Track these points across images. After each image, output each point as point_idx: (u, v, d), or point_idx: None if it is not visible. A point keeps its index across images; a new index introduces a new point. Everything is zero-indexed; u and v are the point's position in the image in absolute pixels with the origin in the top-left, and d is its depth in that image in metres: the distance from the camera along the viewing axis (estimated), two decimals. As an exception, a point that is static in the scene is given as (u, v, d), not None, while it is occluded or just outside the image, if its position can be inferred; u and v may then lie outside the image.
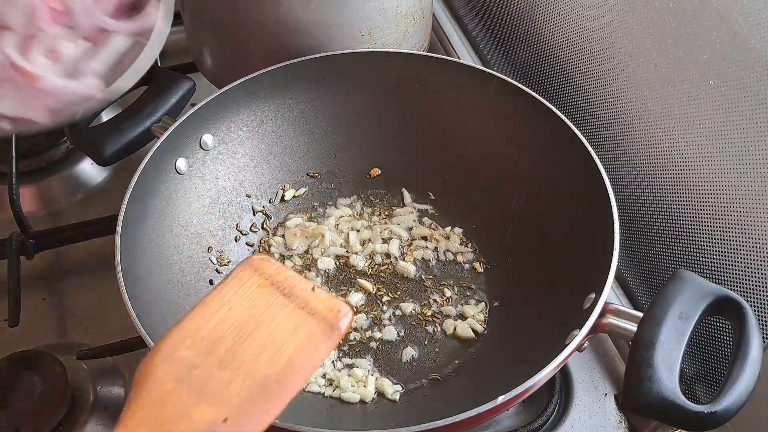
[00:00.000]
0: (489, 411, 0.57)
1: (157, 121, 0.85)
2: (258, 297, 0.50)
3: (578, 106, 0.93)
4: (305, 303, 0.51)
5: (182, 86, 0.88)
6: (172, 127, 0.81)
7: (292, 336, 0.48)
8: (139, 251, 0.75)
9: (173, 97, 0.87)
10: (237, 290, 0.50)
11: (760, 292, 0.70)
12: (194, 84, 0.90)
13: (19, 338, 0.81)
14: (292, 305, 0.50)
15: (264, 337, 0.48)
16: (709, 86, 0.72)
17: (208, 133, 0.86)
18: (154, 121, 0.85)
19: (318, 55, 0.89)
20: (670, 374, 0.58)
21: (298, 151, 0.95)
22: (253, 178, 0.92)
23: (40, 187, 1.01)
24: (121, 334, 0.79)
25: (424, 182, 0.95)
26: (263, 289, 0.51)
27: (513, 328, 0.79)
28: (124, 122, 0.84)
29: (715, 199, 0.74)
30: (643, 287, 0.84)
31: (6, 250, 0.85)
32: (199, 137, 0.86)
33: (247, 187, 0.92)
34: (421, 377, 0.77)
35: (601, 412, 0.76)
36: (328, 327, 0.50)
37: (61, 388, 0.73)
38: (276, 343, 0.48)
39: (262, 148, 0.92)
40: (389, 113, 0.94)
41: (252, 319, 0.49)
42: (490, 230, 0.89)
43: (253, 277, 0.51)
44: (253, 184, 0.92)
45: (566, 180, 0.80)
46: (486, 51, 1.13)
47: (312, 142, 0.95)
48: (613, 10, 0.83)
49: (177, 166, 0.83)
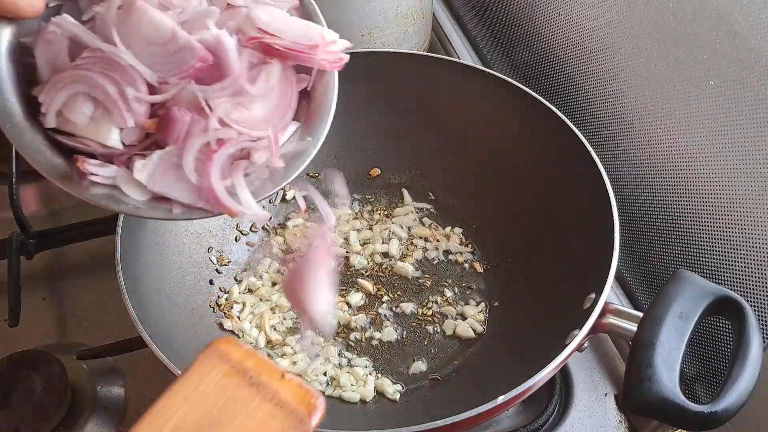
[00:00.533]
0: (489, 411, 0.57)
1: (157, 121, 0.84)
2: (223, 390, 0.46)
3: (578, 106, 0.93)
4: (274, 394, 0.46)
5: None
6: (172, 127, 0.81)
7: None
8: (139, 251, 0.75)
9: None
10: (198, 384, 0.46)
11: (760, 292, 0.70)
12: (194, 84, 0.89)
13: (19, 338, 0.81)
14: (258, 398, 0.46)
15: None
16: (709, 86, 0.72)
17: (208, 133, 0.86)
18: (154, 121, 0.84)
19: (318, 55, 0.89)
20: (670, 374, 0.58)
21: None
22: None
23: (40, 187, 1.01)
24: (121, 334, 0.79)
25: (424, 182, 0.95)
26: (229, 380, 0.46)
27: (513, 328, 0.79)
28: (124, 122, 0.83)
29: (715, 199, 0.74)
30: (643, 287, 0.84)
31: (6, 250, 0.85)
32: (199, 137, 0.85)
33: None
34: (421, 377, 0.77)
35: (601, 412, 0.76)
36: (298, 421, 0.46)
37: (61, 388, 0.73)
38: None
39: (262, 148, 0.92)
40: (389, 113, 0.94)
41: (215, 419, 0.45)
42: (490, 230, 0.89)
43: (218, 365, 0.47)
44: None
45: (566, 180, 0.80)
46: (486, 51, 1.13)
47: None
48: (613, 10, 0.83)
49: (177, 166, 0.83)
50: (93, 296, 0.89)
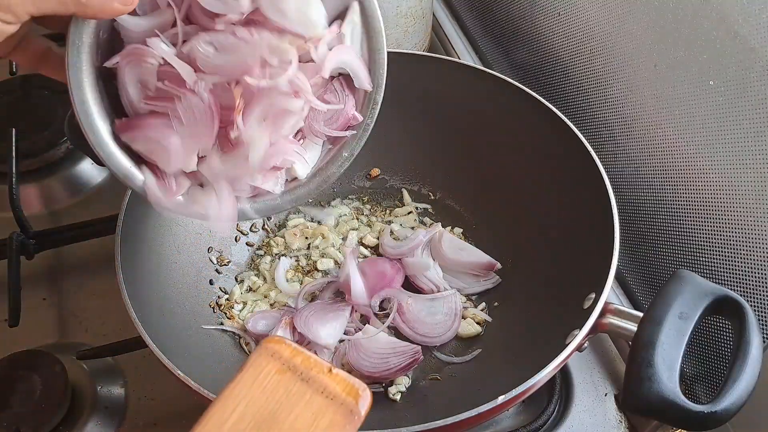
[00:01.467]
0: (489, 411, 0.57)
1: (157, 121, 0.84)
2: (276, 386, 0.49)
3: (578, 106, 0.93)
4: (323, 387, 0.49)
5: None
6: (172, 127, 0.81)
7: (313, 426, 0.48)
8: (139, 251, 0.75)
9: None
10: (254, 380, 0.49)
11: (760, 292, 0.70)
12: (194, 84, 0.89)
13: (19, 338, 0.81)
14: (310, 391, 0.49)
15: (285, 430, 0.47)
16: (709, 86, 0.72)
17: (208, 133, 0.86)
18: (154, 121, 0.84)
19: (318, 55, 0.89)
20: (670, 374, 0.58)
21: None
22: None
23: (40, 187, 1.01)
24: (121, 334, 0.79)
25: (423, 182, 0.95)
26: (281, 376, 0.50)
27: (513, 328, 0.79)
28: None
29: (715, 198, 0.74)
30: (643, 287, 0.84)
31: (6, 250, 0.85)
32: (199, 137, 0.85)
33: (247, 187, 0.92)
34: (421, 377, 0.77)
35: (601, 412, 0.76)
36: (348, 412, 0.48)
37: (61, 388, 0.73)
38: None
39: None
40: (389, 113, 0.93)
41: (271, 412, 0.48)
42: (490, 230, 0.89)
43: (270, 363, 0.50)
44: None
45: (566, 180, 0.80)
46: (486, 51, 1.13)
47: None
48: (613, 10, 0.83)
49: (177, 166, 0.83)
50: (93, 296, 0.89)
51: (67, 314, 0.88)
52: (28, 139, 1.00)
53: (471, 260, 0.85)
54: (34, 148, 1.01)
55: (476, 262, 0.84)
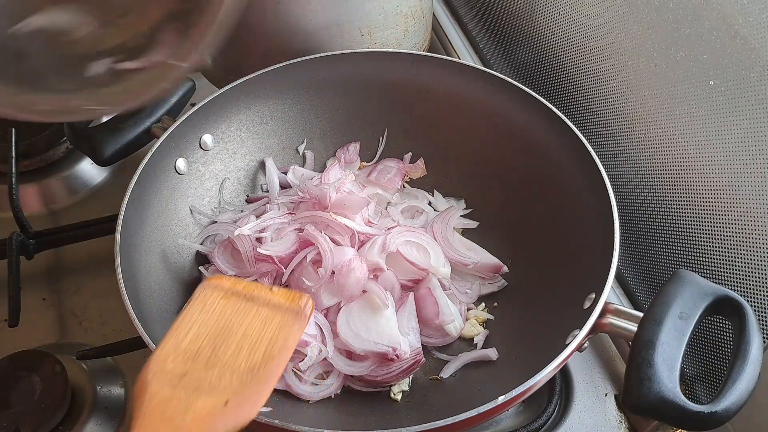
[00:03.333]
0: (489, 411, 0.57)
1: (156, 121, 0.85)
2: (224, 308, 0.56)
3: (578, 106, 0.93)
4: (268, 301, 0.57)
5: (182, 86, 0.88)
6: (172, 127, 0.81)
7: (263, 330, 0.54)
8: (139, 251, 0.75)
9: (173, 97, 0.87)
10: (202, 308, 0.56)
11: (760, 292, 0.70)
12: (194, 84, 0.90)
13: (19, 338, 0.81)
14: (256, 306, 0.56)
15: (239, 337, 0.54)
16: (709, 86, 0.72)
17: (207, 133, 0.86)
18: (154, 121, 0.84)
19: (318, 55, 0.89)
20: (670, 374, 0.58)
21: (298, 151, 0.95)
22: (253, 178, 0.92)
23: (40, 187, 1.01)
24: (121, 334, 0.79)
25: (424, 182, 0.95)
26: (227, 300, 0.57)
27: (513, 328, 0.79)
28: (124, 122, 0.84)
29: (715, 198, 0.74)
30: (643, 287, 0.84)
31: (6, 250, 0.85)
32: (198, 137, 0.86)
33: (246, 187, 0.92)
34: (422, 377, 0.77)
35: (601, 412, 0.76)
36: (294, 314, 0.56)
37: (61, 388, 0.73)
38: (250, 338, 0.54)
39: (261, 148, 0.92)
40: (389, 113, 0.94)
41: (223, 327, 0.54)
42: (489, 230, 0.89)
43: (215, 292, 0.57)
44: (253, 183, 0.92)
45: (566, 180, 0.80)
46: (486, 51, 1.13)
47: (312, 141, 0.95)
48: (613, 10, 0.83)
49: (177, 166, 0.83)
50: (93, 296, 0.89)
51: (67, 314, 0.88)
52: (28, 139, 1.00)
53: (478, 261, 0.83)
54: (34, 148, 1.01)
55: (484, 264, 0.84)
